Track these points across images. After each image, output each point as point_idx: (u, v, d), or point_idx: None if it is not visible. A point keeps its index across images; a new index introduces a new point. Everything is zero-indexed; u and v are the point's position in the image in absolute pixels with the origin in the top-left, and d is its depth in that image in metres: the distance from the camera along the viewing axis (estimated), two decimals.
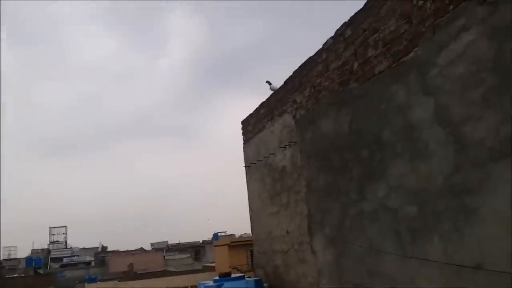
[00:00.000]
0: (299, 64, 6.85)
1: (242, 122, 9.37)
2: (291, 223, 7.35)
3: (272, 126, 7.81)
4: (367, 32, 5.18)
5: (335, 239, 5.88)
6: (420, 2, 4.34)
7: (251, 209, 9.29)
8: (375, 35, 5.03)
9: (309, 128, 6.52)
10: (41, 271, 45.17)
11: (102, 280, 36.41)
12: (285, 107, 7.28)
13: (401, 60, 4.61)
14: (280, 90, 7.57)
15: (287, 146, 7.19)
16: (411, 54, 4.46)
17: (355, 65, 5.40)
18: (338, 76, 5.77)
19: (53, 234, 61.68)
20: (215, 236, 40.50)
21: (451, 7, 3.97)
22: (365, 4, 5.24)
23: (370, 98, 5.12)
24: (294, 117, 6.99)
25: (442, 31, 4.06)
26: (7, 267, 46.09)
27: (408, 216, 4.51)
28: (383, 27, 4.90)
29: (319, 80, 6.24)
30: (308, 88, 6.56)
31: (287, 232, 7.50)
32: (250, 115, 8.92)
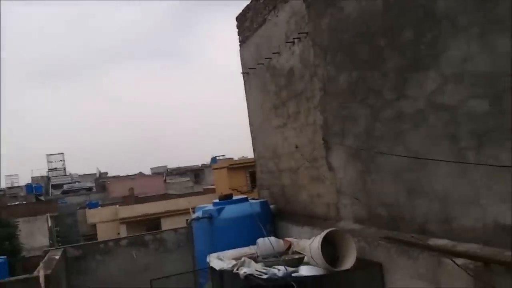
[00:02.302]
0: None
1: (237, 18, 7.79)
2: (301, 137, 6.17)
3: (276, 17, 6.30)
4: None
5: (361, 151, 4.72)
6: None
7: (251, 124, 8.07)
8: None
9: (327, 12, 5.05)
10: (42, 198, 45.50)
11: (103, 205, 36.52)
12: None
13: None
14: None
15: (295, 40, 5.76)
16: None
17: None
18: None
19: (51, 162, 61.47)
20: (213, 159, 40.12)
21: None
22: None
23: None
24: (305, 0, 5.47)
25: None
26: (7, 195, 46.35)
27: (474, 114, 3.27)
28: None
29: None
30: None
31: (296, 147, 6.34)
32: (247, 7, 7.31)
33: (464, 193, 3.42)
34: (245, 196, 7.55)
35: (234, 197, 7.08)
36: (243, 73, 7.71)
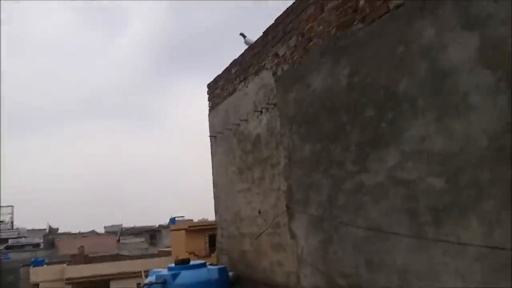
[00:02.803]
0: (284, 10, 5.62)
1: (208, 85, 8.04)
2: (264, 202, 6.21)
3: (246, 87, 6.56)
4: None
5: (323, 220, 4.79)
6: None
7: (215, 186, 8.06)
8: None
9: (294, 86, 5.34)
10: None
11: (49, 263, 34.14)
12: (264, 63, 6.06)
13: None
14: (257, 44, 6.33)
15: (263, 110, 5.99)
16: None
17: (362, 0, 4.25)
18: (337, 17, 4.60)
19: None
20: (172, 220, 38.97)
21: None
22: None
23: (380, 42, 4.00)
24: (274, 74, 5.78)
25: None
26: None
27: (431, 190, 3.45)
28: None
29: (310, 25, 5.05)
30: (294, 36, 5.35)
31: (259, 212, 6.36)
32: (219, 76, 7.61)
33: (423, 268, 3.50)
34: (203, 261, 7.33)
35: (192, 262, 6.86)
36: (210, 136, 7.82)
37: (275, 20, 5.81)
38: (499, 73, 2.95)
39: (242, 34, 6.95)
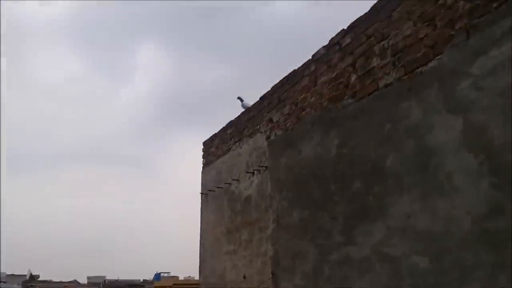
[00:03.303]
0: (280, 79, 5.86)
1: (204, 143, 8.17)
2: (250, 266, 6.09)
3: (240, 148, 6.67)
4: (372, 39, 4.29)
5: None
6: (450, 1, 3.49)
7: (202, 245, 7.92)
8: (383, 42, 4.13)
9: (285, 151, 5.44)
10: None
11: None
12: (258, 127, 6.21)
13: (416, 70, 3.71)
14: (254, 108, 6.53)
15: (255, 172, 6.05)
16: (432, 63, 3.57)
17: (353, 77, 4.46)
18: (329, 91, 4.80)
19: None
20: (157, 276, 37.59)
21: (494, 5, 3.12)
22: (371, 8, 4.38)
23: (369, 117, 4.15)
24: (268, 138, 5.91)
25: (480, 35, 3.19)
26: None
27: (416, 269, 3.44)
28: (394, 33, 4.01)
29: (303, 95, 5.25)
30: (288, 105, 5.54)
31: (244, 277, 6.22)
32: (214, 135, 7.75)
33: None
34: None
35: None
36: (201, 193, 7.82)
37: (271, 88, 6.04)
38: (481, 157, 3.06)
39: (239, 98, 7.19)
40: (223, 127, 7.43)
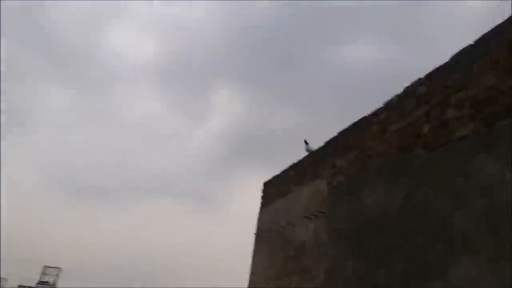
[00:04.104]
0: (347, 125, 5.77)
1: (264, 183, 8.15)
2: None
3: (300, 192, 6.55)
4: (449, 89, 4.11)
5: None
6: None
7: (250, 286, 7.69)
8: (461, 93, 3.94)
9: (347, 198, 5.24)
10: None
11: None
12: (320, 171, 6.08)
13: (496, 124, 3.45)
14: (317, 152, 6.44)
15: (312, 217, 5.86)
16: None
17: (425, 128, 4.26)
18: (399, 140, 4.61)
19: (46, 274, 58.37)
20: None
21: None
22: (452, 58, 4.24)
23: (440, 170, 3.90)
24: (329, 183, 5.75)
25: None
26: None
27: None
28: (474, 84, 3.82)
29: (371, 143, 5.09)
30: (354, 151, 5.40)
31: None
32: (276, 176, 7.72)
33: None
34: None
35: None
36: (256, 234, 7.70)
37: (338, 133, 5.95)
38: None
39: (305, 141, 7.15)
40: (285, 169, 7.39)
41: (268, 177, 8.05)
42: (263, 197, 8.10)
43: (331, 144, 6.11)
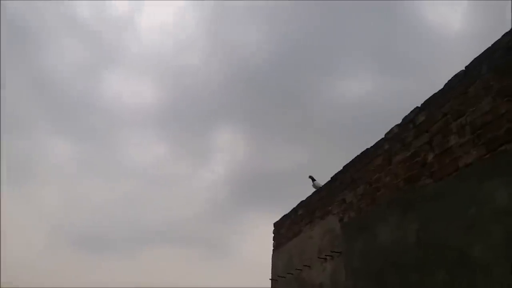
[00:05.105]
0: (352, 158, 5.71)
1: (275, 224, 8.01)
2: None
3: (311, 231, 6.42)
4: (448, 116, 4.07)
5: None
6: None
7: None
8: (460, 119, 3.90)
9: (360, 235, 5.11)
10: None
11: None
12: (330, 208, 5.98)
13: (500, 148, 3.39)
14: (325, 188, 6.35)
15: (328, 258, 5.71)
16: None
17: (430, 156, 4.20)
18: (405, 170, 4.54)
19: None
20: None
21: None
22: (446, 85, 4.23)
23: (451, 200, 3.80)
24: (341, 220, 5.63)
25: None
26: None
27: None
28: (472, 109, 3.78)
29: (377, 175, 5.02)
30: (362, 185, 5.32)
31: None
32: (286, 215, 7.59)
33: None
34: None
35: None
36: (272, 279, 7.50)
37: (343, 167, 5.89)
38: None
39: (311, 177, 7.06)
40: (294, 208, 7.27)
41: (279, 217, 7.92)
42: (274, 239, 7.94)
43: (337, 178, 6.03)
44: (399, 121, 4.84)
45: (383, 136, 5.09)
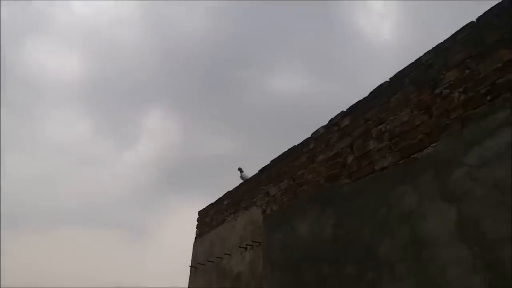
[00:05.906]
0: (279, 154, 5.90)
1: (199, 213, 8.03)
2: None
3: (235, 220, 6.54)
4: (370, 122, 4.37)
5: None
6: (445, 92, 3.59)
7: None
8: (380, 126, 4.20)
9: (281, 227, 5.31)
10: None
11: None
12: (255, 200, 6.13)
13: (412, 156, 3.72)
14: (252, 180, 6.49)
15: (248, 247, 5.86)
16: (428, 150, 3.59)
17: (350, 158, 4.48)
18: (326, 169, 4.80)
19: None
20: None
21: (488, 97, 3.21)
22: (370, 93, 4.52)
23: (365, 200, 4.10)
24: (263, 212, 5.81)
25: (475, 125, 3.24)
26: None
27: None
28: (391, 118, 4.10)
29: (301, 172, 5.24)
30: (286, 180, 5.52)
31: None
32: (211, 204, 7.65)
33: None
34: None
35: None
36: (191, 266, 7.53)
37: (271, 161, 6.06)
38: (475, 250, 2.95)
39: (240, 169, 7.17)
40: (220, 197, 7.35)
41: (203, 206, 7.95)
42: (198, 227, 7.97)
43: (264, 172, 6.20)
44: (325, 122, 5.09)
45: (309, 136, 5.32)
